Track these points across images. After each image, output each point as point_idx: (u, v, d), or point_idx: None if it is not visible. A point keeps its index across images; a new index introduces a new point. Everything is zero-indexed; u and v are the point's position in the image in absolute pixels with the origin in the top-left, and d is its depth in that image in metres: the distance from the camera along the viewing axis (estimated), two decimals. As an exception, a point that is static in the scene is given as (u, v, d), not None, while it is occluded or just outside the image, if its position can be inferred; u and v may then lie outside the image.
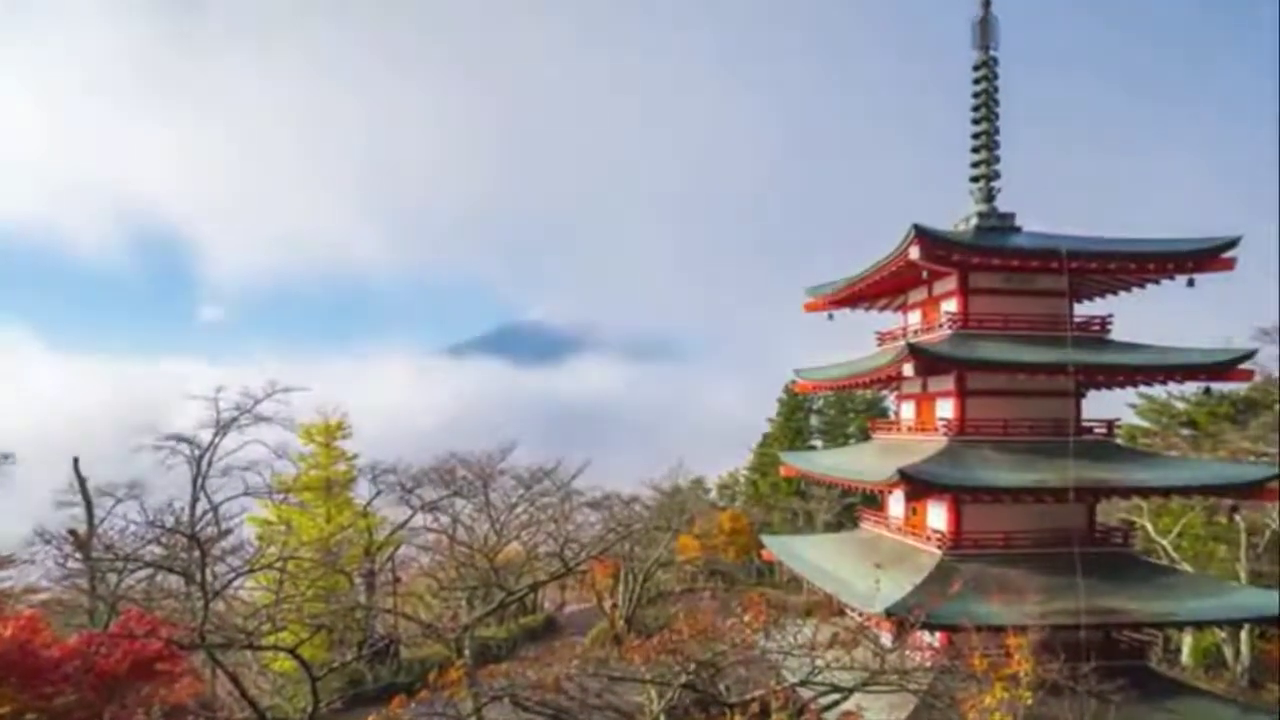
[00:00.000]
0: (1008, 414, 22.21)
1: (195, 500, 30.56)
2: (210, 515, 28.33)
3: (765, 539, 31.35)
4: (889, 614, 17.43)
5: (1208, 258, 21.41)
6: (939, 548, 21.39)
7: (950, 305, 23.19)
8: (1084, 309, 24.10)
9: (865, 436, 36.11)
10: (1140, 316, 23.48)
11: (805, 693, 15.62)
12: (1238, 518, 30.55)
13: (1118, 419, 24.28)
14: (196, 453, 31.23)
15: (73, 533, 25.48)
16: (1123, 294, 24.26)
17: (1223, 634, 30.79)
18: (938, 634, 19.27)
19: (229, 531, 27.38)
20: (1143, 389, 29.86)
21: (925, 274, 23.29)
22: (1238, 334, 25.41)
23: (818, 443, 56.26)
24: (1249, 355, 21.39)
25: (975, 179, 24.44)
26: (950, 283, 23.23)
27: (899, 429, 26.69)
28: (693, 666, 15.37)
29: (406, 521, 34.39)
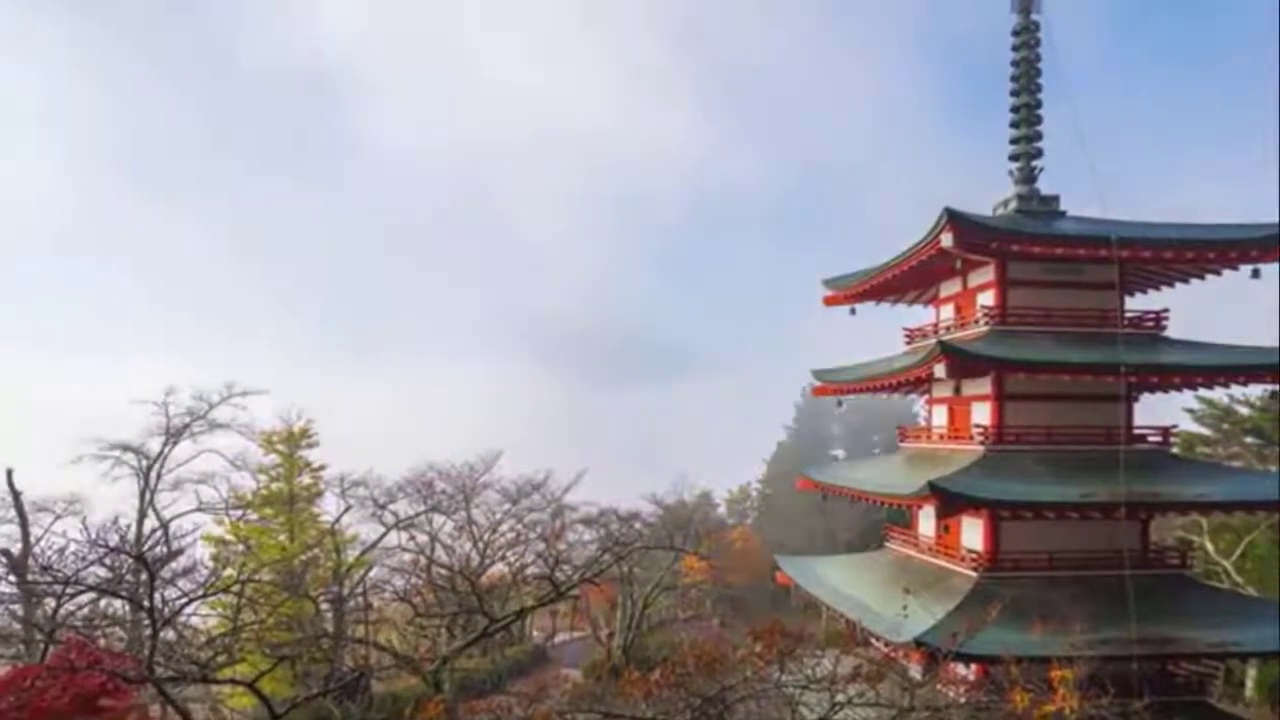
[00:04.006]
0: (1051, 420, 22.21)
1: (143, 516, 30.63)
2: (160, 533, 28.33)
3: (780, 560, 31.35)
4: (919, 644, 17.42)
5: (1275, 245, 21.39)
6: (974, 570, 21.39)
7: (987, 298, 23.19)
8: (1133, 303, 24.12)
9: (892, 446, 36.10)
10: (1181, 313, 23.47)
11: (825, 732, 15.59)
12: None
13: (1174, 426, 24.28)
14: (144, 463, 31.32)
15: (5, 553, 25.51)
16: (1163, 288, 24.33)
17: (1291, 666, 30.74)
18: (973, 666, 19.26)
19: (180, 551, 27.26)
20: (1202, 392, 29.84)
21: (959, 264, 23.30)
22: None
23: (839, 453, 56.34)
24: (1321, 355, 21.36)
25: (1014, 157, 24.45)
26: (987, 273, 23.23)
27: (929, 437, 26.70)
28: (699, 702, 15.33)
29: (379, 540, 34.41)
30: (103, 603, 25.22)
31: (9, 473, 27.50)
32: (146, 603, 19.05)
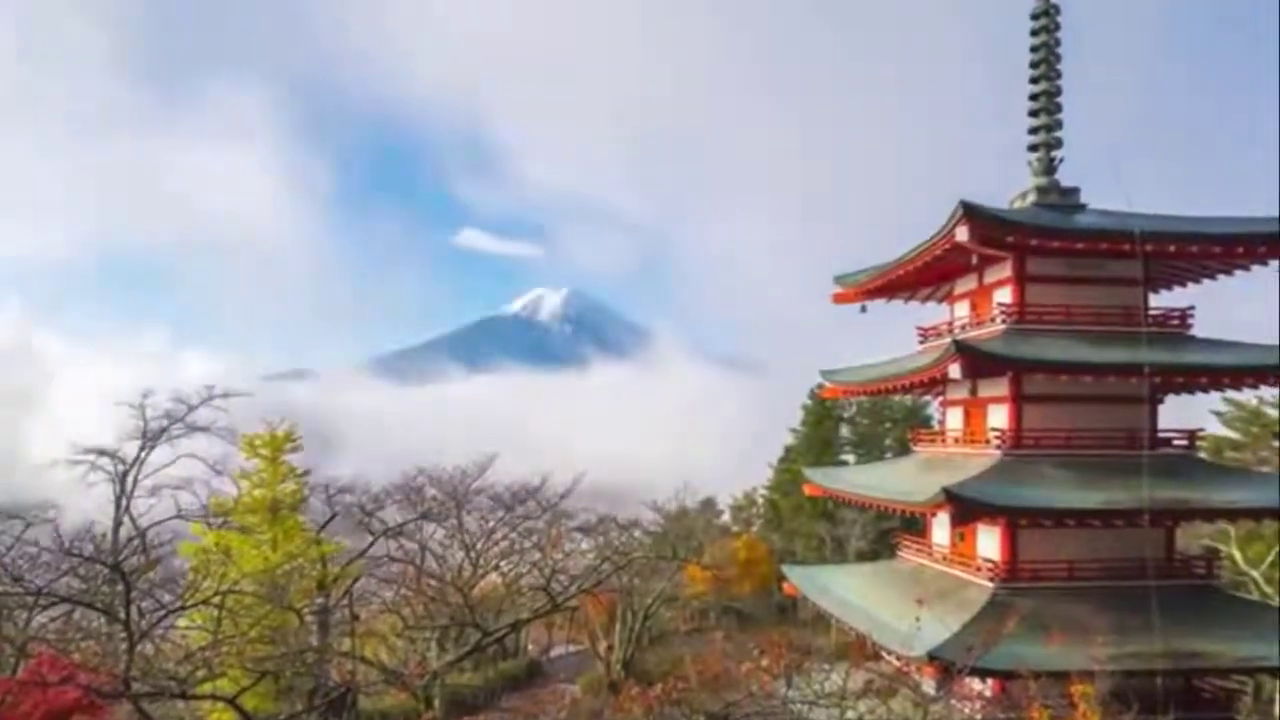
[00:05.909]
0: (1071, 423, 22.23)
1: (119, 524, 30.58)
2: (136, 542, 28.29)
3: (787, 570, 31.42)
4: (932, 657, 17.44)
5: (1305, 240, 21.41)
6: (991, 580, 21.40)
7: (1004, 296, 23.21)
8: (1157, 300, 24.16)
9: (905, 450, 36.11)
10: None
11: (834, 750, 15.61)
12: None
13: (1200, 429, 24.28)
14: (120, 469, 31.30)
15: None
16: (1188, 285, 24.35)
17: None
18: (989, 681, 19.27)
19: (158, 561, 27.34)
20: (1229, 394, 29.86)
21: (975, 259, 23.32)
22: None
23: (849, 457, 56.29)
24: (1354, 354, 21.38)
25: (1033, 147, 24.46)
26: (1004, 269, 23.25)
27: (944, 441, 26.70)
28: (702, 719, 15.36)
29: (366, 549, 34.29)
30: (77, 615, 25.26)
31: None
32: (123, 615, 19.07)
